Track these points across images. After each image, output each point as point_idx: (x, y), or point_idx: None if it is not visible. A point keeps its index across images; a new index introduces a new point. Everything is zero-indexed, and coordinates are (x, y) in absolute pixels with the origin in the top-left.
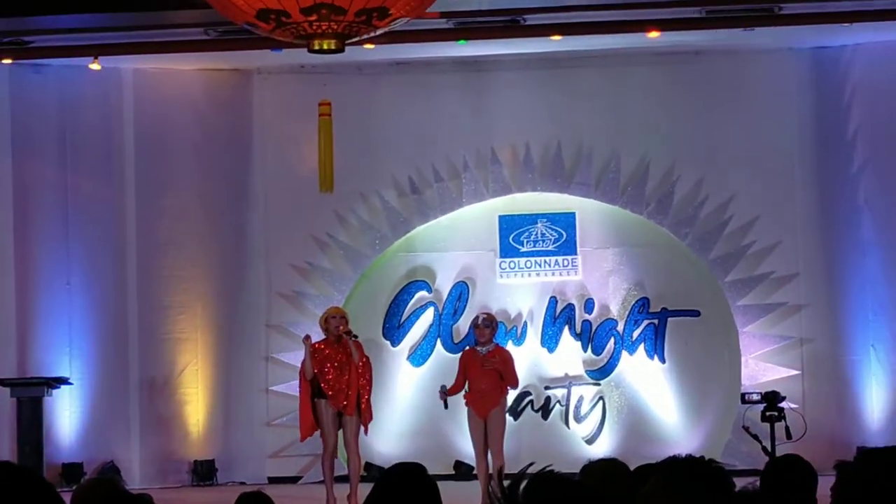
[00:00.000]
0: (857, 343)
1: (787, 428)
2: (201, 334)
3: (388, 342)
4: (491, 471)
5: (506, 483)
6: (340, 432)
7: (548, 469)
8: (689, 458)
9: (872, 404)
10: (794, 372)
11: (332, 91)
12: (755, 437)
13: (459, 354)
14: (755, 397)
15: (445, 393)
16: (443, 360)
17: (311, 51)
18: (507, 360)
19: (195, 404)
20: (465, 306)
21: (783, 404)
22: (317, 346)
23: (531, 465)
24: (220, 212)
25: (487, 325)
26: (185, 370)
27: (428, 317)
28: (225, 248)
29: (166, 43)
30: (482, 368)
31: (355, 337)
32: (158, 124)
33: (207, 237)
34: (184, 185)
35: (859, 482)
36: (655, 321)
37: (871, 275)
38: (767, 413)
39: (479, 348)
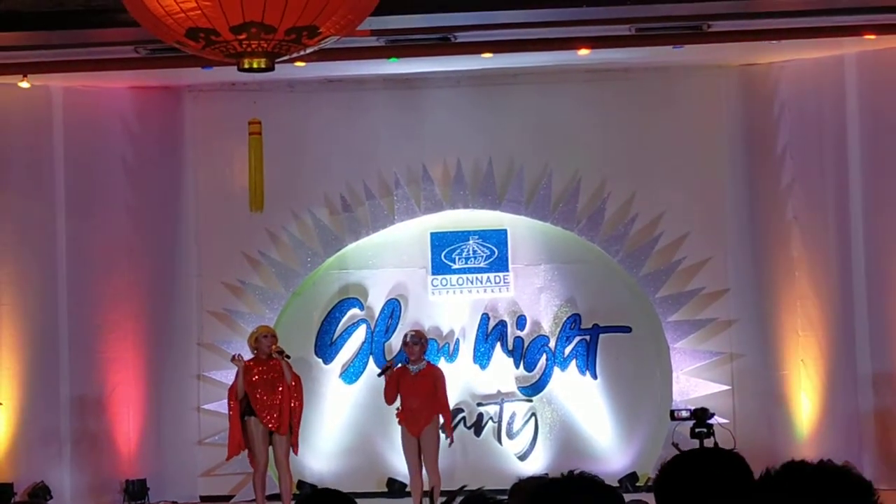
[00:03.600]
0: (787, 358)
1: (715, 444)
2: (133, 353)
3: (320, 360)
4: (426, 488)
5: None
6: (271, 450)
7: (479, 491)
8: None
9: (802, 419)
10: (725, 387)
11: (264, 109)
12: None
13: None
14: (684, 414)
15: (386, 369)
16: (375, 378)
17: (241, 69)
18: (439, 379)
19: (126, 423)
20: (397, 324)
21: (712, 420)
22: (248, 364)
23: (463, 487)
24: (152, 229)
25: (416, 342)
26: (117, 389)
27: (360, 334)
28: (156, 265)
29: (96, 61)
30: (413, 387)
31: (288, 357)
32: (89, 142)
33: (139, 255)
34: (115, 203)
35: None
36: (587, 337)
37: (800, 290)
38: (696, 429)
39: (410, 366)
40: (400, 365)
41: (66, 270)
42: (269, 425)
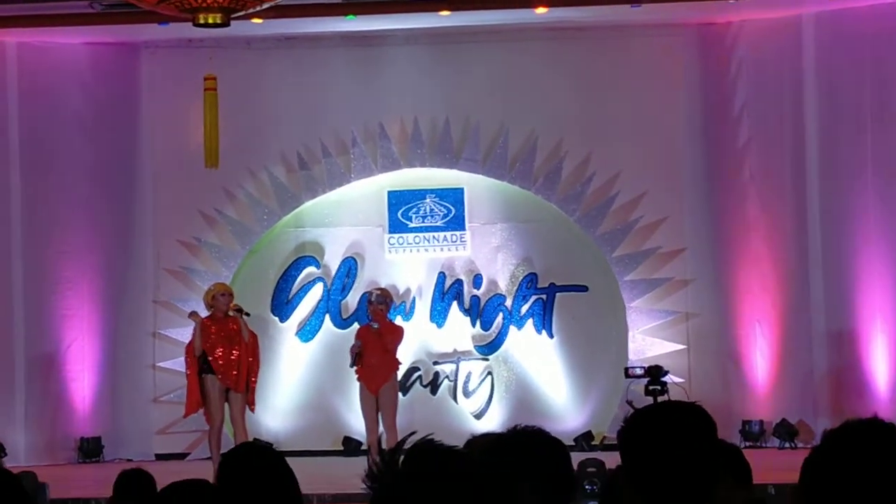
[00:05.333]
0: (743, 317)
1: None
2: (88, 310)
3: (276, 318)
4: (384, 446)
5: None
6: (227, 408)
7: (429, 438)
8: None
9: (757, 378)
10: (681, 346)
11: (220, 66)
12: None
13: (354, 331)
14: (638, 371)
15: (357, 352)
16: (331, 336)
17: (196, 24)
18: (395, 332)
19: (82, 381)
20: (353, 282)
21: (666, 378)
22: (204, 322)
23: (412, 434)
24: (108, 187)
25: (381, 301)
26: (72, 346)
27: (316, 292)
28: (112, 223)
29: (51, 16)
30: (374, 344)
31: (247, 314)
32: (44, 99)
33: (95, 212)
34: (70, 160)
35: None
36: (543, 296)
37: (756, 250)
38: (650, 387)
39: (373, 324)
40: (365, 324)
41: (21, 228)
42: (226, 383)
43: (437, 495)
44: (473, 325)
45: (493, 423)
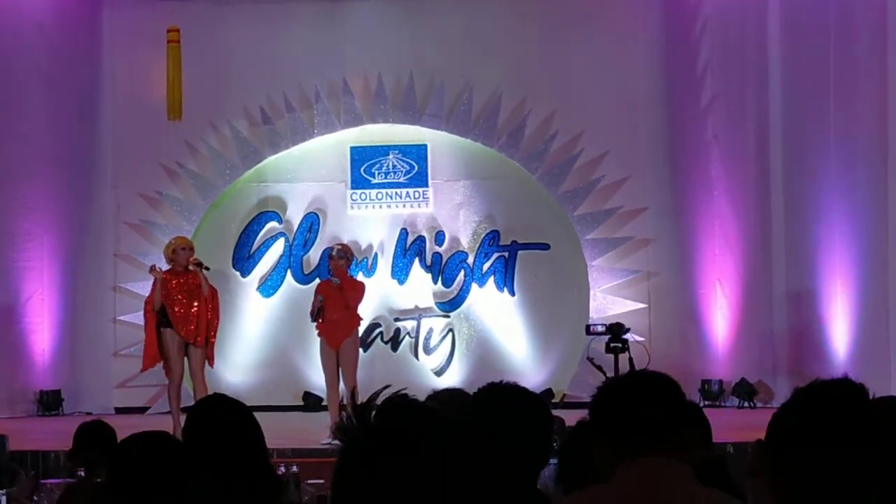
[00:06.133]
0: (704, 277)
1: (630, 359)
2: (48, 263)
3: (237, 273)
4: (344, 401)
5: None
6: (187, 362)
7: (402, 392)
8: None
9: (717, 337)
10: (641, 305)
11: (184, 18)
12: (599, 367)
13: (315, 286)
14: (600, 329)
15: (319, 307)
16: (293, 292)
17: None
18: (356, 289)
19: (41, 333)
20: (315, 237)
21: (627, 336)
22: (165, 275)
23: (386, 388)
24: (68, 139)
25: (342, 256)
26: (31, 299)
27: (278, 248)
28: (73, 175)
29: None
30: (335, 299)
31: (207, 269)
32: (4, 49)
33: (55, 164)
34: (30, 110)
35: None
36: (505, 254)
37: (718, 209)
38: (612, 344)
39: (333, 279)
40: (325, 280)
41: None
42: (185, 337)
43: (409, 450)
44: (435, 281)
45: (453, 379)
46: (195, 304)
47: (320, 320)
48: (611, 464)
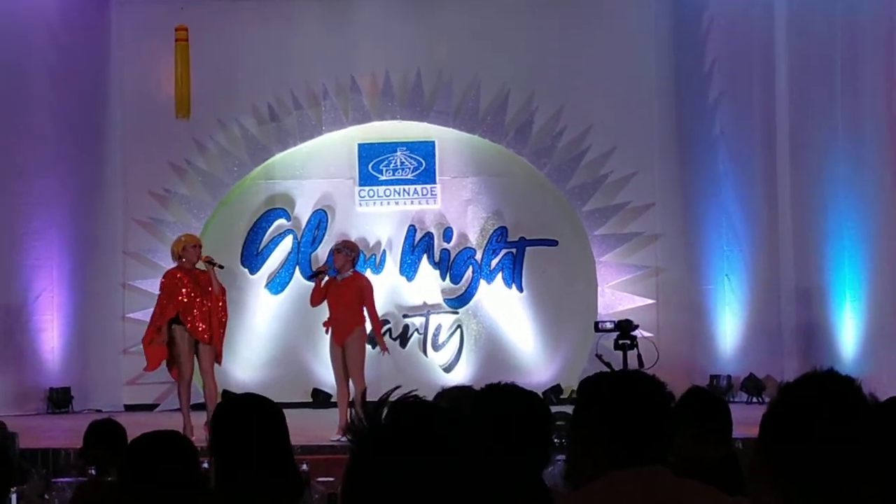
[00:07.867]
0: (712, 273)
1: (639, 356)
2: (57, 260)
3: (246, 270)
4: (352, 398)
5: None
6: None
7: (412, 394)
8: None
9: (725, 333)
10: (650, 301)
11: (192, 16)
12: (608, 364)
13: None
14: (608, 325)
15: (321, 270)
16: (301, 289)
17: None
18: (366, 288)
19: (50, 331)
20: (323, 234)
21: (636, 332)
22: (177, 274)
23: (396, 388)
24: (77, 137)
25: (340, 249)
26: (40, 297)
27: (286, 245)
28: (82, 173)
29: None
30: (338, 295)
31: (221, 267)
32: (13, 46)
33: (64, 162)
34: (40, 109)
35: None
36: (513, 250)
37: (726, 205)
38: (620, 341)
39: (336, 276)
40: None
41: None
42: (198, 335)
43: (419, 451)
44: (443, 278)
45: (462, 376)
46: (206, 301)
47: (318, 279)
48: (589, 477)
